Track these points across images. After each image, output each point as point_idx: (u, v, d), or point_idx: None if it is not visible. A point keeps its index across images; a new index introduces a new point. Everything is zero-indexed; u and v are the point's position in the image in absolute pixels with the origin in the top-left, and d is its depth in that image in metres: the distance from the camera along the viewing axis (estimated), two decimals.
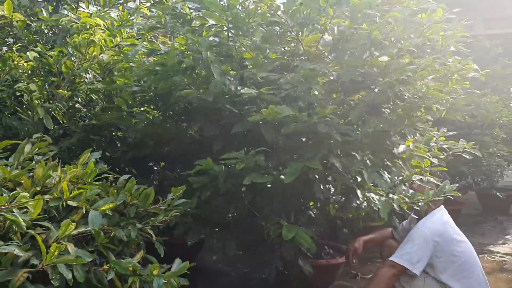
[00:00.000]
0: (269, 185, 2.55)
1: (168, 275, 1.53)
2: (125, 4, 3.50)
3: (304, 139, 2.62)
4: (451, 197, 3.03)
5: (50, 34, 3.22)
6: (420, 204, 2.93)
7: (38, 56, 2.61)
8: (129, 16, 3.22)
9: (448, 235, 2.91)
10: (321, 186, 2.69)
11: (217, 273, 4.43)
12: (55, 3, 3.33)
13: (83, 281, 1.43)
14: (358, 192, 2.91)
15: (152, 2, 3.26)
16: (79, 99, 3.00)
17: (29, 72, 2.62)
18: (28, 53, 2.51)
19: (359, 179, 2.80)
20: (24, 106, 2.42)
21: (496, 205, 7.27)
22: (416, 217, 3.07)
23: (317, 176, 2.62)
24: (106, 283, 1.47)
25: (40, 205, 1.40)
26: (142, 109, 3.05)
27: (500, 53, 7.96)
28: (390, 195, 2.98)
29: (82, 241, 1.56)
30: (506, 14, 11.07)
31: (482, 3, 10.55)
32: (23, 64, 2.52)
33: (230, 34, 2.84)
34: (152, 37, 3.66)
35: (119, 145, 3.19)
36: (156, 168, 3.23)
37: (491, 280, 4.34)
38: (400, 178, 3.11)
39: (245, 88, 2.39)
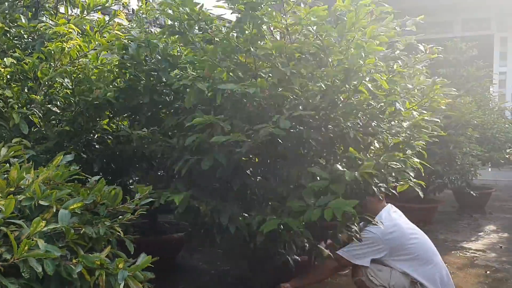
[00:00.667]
0: None
1: (132, 268, 1.65)
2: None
3: None
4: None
5: (30, 40, 3.32)
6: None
7: (15, 62, 2.71)
8: (106, 22, 3.33)
9: (400, 231, 3.13)
10: None
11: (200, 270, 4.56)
12: (34, 9, 3.43)
13: (54, 274, 1.54)
14: None
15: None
16: (58, 102, 3.11)
17: (8, 77, 2.72)
18: (5, 59, 2.62)
19: None
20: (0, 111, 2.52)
21: (472, 203, 7.47)
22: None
23: None
24: (75, 275, 1.59)
25: (12, 204, 1.51)
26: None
27: (475, 55, 8.17)
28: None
29: (54, 237, 1.68)
30: (484, 15, 11.31)
31: (461, 5, 10.78)
32: (0, 70, 2.61)
33: None
34: None
35: (97, 146, 3.30)
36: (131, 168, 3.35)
37: (461, 275, 4.53)
38: None
39: None
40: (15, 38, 3.13)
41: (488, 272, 4.61)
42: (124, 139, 3.15)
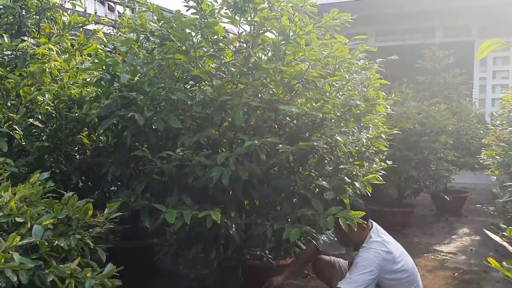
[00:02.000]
0: None
1: (99, 277, 1.84)
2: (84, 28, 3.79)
3: None
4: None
5: (12, 56, 3.48)
6: None
7: None
8: (86, 40, 3.51)
9: (391, 255, 3.08)
10: None
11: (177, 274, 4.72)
12: (16, 27, 3.59)
13: (28, 283, 1.73)
14: None
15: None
16: (39, 116, 3.28)
17: None
18: None
19: None
20: None
21: (449, 207, 7.71)
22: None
23: None
24: (48, 284, 1.77)
25: None
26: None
27: (455, 61, 8.42)
28: None
29: (29, 249, 1.86)
30: (465, 22, 11.58)
31: (443, 11, 11.02)
32: None
33: None
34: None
35: (78, 156, 3.48)
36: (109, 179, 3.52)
37: (429, 277, 4.74)
38: None
39: None
40: None
41: (456, 274, 4.83)
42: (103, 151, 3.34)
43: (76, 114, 3.20)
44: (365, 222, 3.14)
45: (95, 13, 8.38)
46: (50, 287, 1.79)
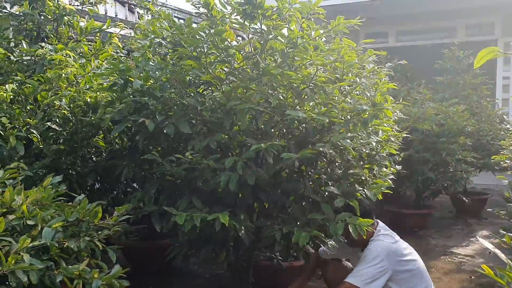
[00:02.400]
0: None
1: (106, 278, 1.91)
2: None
3: None
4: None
5: (31, 62, 3.60)
6: None
7: (15, 87, 2.99)
8: (102, 45, 3.61)
9: (398, 249, 3.05)
10: None
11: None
12: (35, 33, 3.72)
13: (39, 283, 1.81)
14: None
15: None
16: (57, 119, 3.38)
17: (9, 101, 3.00)
18: (7, 85, 2.91)
19: None
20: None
21: (469, 209, 7.60)
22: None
23: None
24: (58, 284, 1.86)
25: (2, 224, 1.79)
26: None
27: (473, 62, 8.29)
28: None
29: (41, 251, 1.95)
30: (488, 20, 11.38)
31: (465, 10, 10.86)
32: (2, 94, 2.90)
33: None
34: None
35: (94, 158, 3.59)
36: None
37: (445, 280, 4.71)
38: None
39: None
40: (17, 62, 3.40)
41: (473, 277, 4.77)
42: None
43: (92, 118, 3.30)
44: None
45: (116, 15, 8.53)
46: (60, 287, 1.87)
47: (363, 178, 3.15)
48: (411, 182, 6.41)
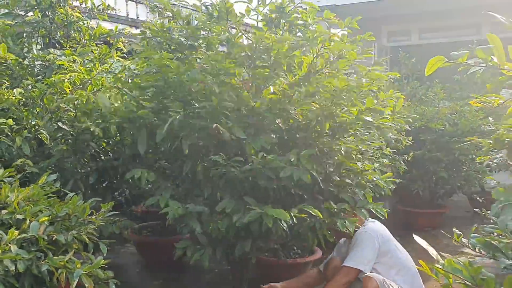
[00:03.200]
0: None
1: (87, 268, 2.09)
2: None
3: None
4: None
5: (43, 66, 3.82)
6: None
7: (23, 91, 3.21)
8: (108, 50, 3.81)
9: (387, 235, 3.31)
10: None
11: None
12: (47, 39, 3.95)
13: (27, 272, 2.01)
14: None
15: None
16: (66, 121, 3.58)
17: (17, 103, 3.22)
18: (14, 90, 3.13)
19: None
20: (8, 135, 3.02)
21: (486, 208, 7.48)
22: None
23: None
24: (45, 273, 2.05)
25: None
26: None
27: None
28: None
29: (31, 243, 2.14)
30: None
31: (489, 7, 10.65)
32: (11, 97, 3.12)
33: None
34: None
35: (103, 157, 3.78)
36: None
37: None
38: None
39: None
40: (29, 67, 3.62)
41: None
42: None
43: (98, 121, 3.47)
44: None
45: (137, 17, 8.76)
46: (47, 275, 2.05)
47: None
48: (423, 181, 6.41)
